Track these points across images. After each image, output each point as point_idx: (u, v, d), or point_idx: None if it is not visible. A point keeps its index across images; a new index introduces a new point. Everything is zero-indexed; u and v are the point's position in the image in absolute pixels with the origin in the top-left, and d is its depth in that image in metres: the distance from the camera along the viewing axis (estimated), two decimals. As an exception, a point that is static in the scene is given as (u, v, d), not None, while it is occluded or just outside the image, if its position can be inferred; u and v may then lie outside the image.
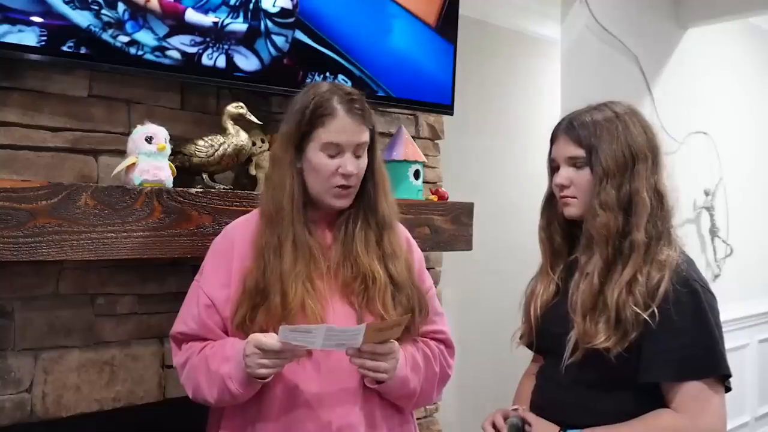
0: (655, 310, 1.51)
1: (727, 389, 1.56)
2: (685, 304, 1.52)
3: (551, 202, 1.73)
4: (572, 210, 1.66)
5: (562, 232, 1.71)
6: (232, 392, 1.56)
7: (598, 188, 1.59)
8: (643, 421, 1.54)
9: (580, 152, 1.62)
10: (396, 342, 1.60)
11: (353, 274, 1.64)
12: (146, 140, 1.90)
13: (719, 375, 1.54)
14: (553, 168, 1.70)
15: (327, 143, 1.61)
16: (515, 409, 1.68)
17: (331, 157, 1.62)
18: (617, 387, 1.57)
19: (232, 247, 1.67)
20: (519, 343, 1.78)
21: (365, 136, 1.65)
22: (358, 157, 1.64)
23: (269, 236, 1.62)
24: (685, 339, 1.51)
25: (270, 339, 1.50)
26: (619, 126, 1.61)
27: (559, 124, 1.69)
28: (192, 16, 2.05)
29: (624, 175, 1.59)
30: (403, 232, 1.80)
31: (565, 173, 1.65)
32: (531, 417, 1.64)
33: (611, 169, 1.58)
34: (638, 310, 1.52)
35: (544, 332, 1.69)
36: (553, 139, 1.69)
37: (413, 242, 1.83)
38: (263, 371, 1.52)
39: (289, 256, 1.60)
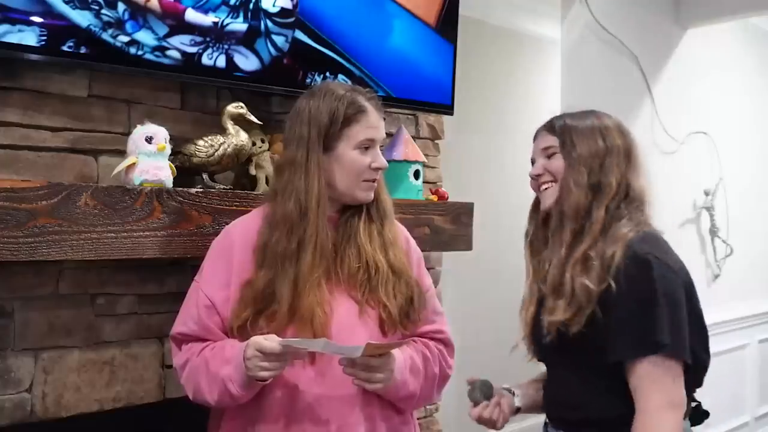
0: (611, 284, 1.52)
1: (687, 365, 1.51)
2: (634, 278, 1.52)
3: (536, 209, 1.77)
4: (549, 199, 1.68)
5: (545, 239, 1.72)
6: (233, 394, 1.57)
7: (572, 169, 1.63)
8: None
9: (554, 140, 1.67)
10: (391, 353, 1.60)
11: (357, 264, 1.66)
12: (146, 140, 1.90)
13: (667, 352, 1.49)
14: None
15: (363, 139, 1.65)
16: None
17: (364, 153, 1.66)
18: (605, 379, 1.57)
19: (232, 247, 1.68)
20: (530, 359, 1.78)
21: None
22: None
23: (285, 242, 1.61)
24: (634, 314, 1.51)
25: (271, 342, 1.50)
26: (595, 122, 1.67)
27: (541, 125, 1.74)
28: (192, 16, 2.05)
29: (594, 161, 1.62)
30: (402, 231, 1.81)
31: (539, 163, 1.71)
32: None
33: (584, 155, 1.63)
34: (588, 283, 1.53)
35: (538, 341, 1.70)
36: (534, 139, 1.74)
37: (412, 241, 1.84)
38: (264, 374, 1.52)
39: (308, 260, 1.60)
